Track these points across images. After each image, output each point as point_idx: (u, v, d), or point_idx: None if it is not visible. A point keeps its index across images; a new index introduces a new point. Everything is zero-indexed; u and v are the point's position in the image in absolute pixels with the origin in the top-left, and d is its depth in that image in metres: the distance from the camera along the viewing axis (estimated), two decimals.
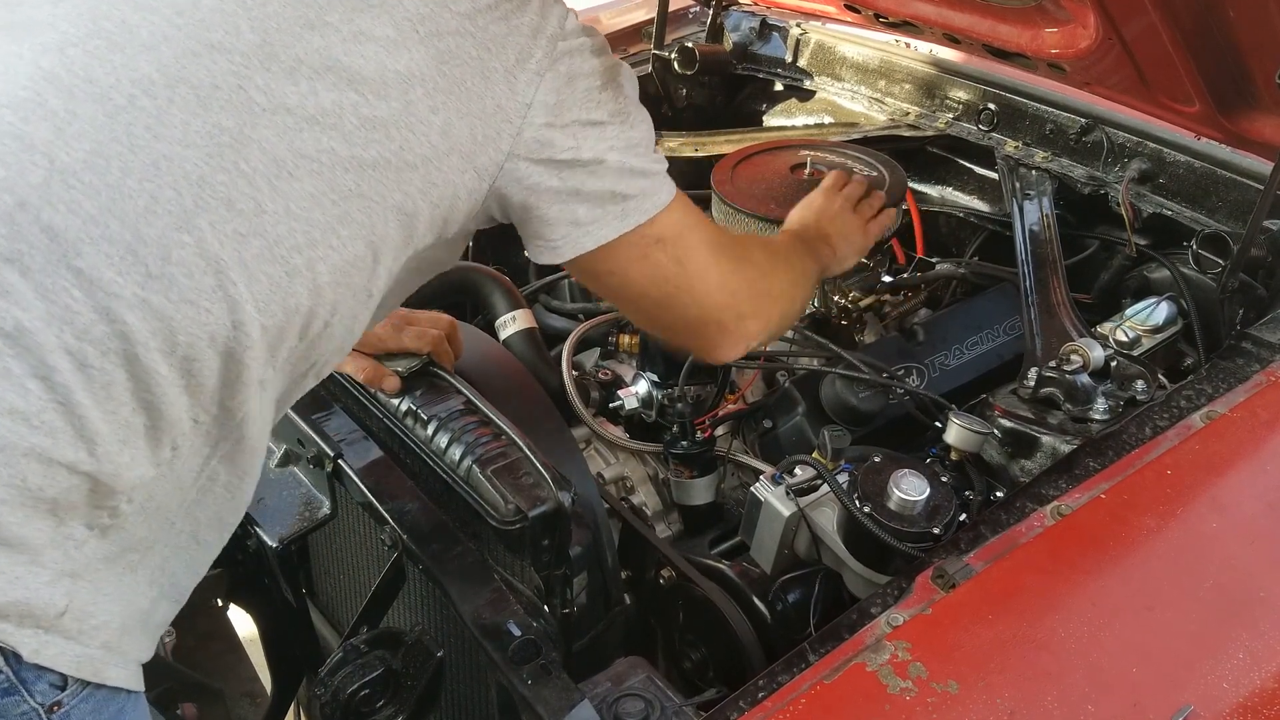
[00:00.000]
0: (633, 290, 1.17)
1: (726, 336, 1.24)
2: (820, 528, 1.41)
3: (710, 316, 1.21)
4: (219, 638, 1.95)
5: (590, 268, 1.13)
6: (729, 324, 1.23)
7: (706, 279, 1.18)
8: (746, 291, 1.25)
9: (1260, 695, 1.05)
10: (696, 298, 1.18)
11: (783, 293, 1.36)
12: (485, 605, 1.19)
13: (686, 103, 2.76)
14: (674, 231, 1.13)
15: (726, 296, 1.21)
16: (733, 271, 1.22)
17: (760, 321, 1.28)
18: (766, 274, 1.32)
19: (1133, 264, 1.98)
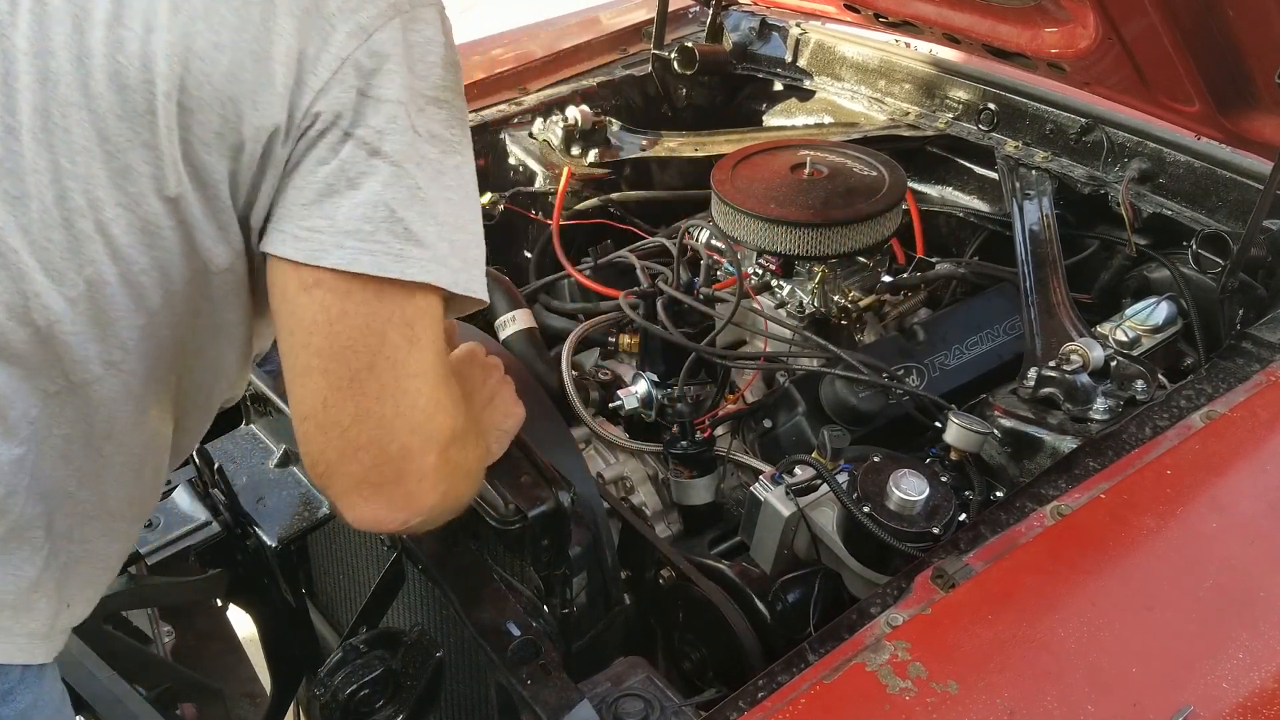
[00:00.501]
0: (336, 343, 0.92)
1: (400, 485, 0.95)
2: (820, 528, 1.41)
3: (398, 428, 0.93)
4: (219, 638, 1.95)
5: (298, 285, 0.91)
6: (413, 466, 0.94)
7: (418, 382, 0.93)
8: (449, 436, 0.97)
9: (1260, 695, 1.05)
10: (398, 391, 0.92)
11: (474, 477, 1.09)
12: (485, 605, 1.19)
13: (686, 103, 2.77)
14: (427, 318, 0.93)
15: (431, 432, 0.95)
16: (449, 409, 0.97)
17: (437, 495, 0.98)
18: (473, 442, 1.06)
19: (1133, 264, 1.97)
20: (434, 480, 0.96)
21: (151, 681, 1.49)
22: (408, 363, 0.92)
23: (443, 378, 0.97)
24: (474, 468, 1.08)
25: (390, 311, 0.91)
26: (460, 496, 1.06)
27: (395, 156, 0.90)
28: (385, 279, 0.90)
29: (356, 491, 0.95)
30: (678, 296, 1.79)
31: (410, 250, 0.90)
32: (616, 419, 1.81)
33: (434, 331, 0.95)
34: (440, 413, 0.95)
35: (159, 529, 1.44)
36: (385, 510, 0.95)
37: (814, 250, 1.77)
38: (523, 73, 2.64)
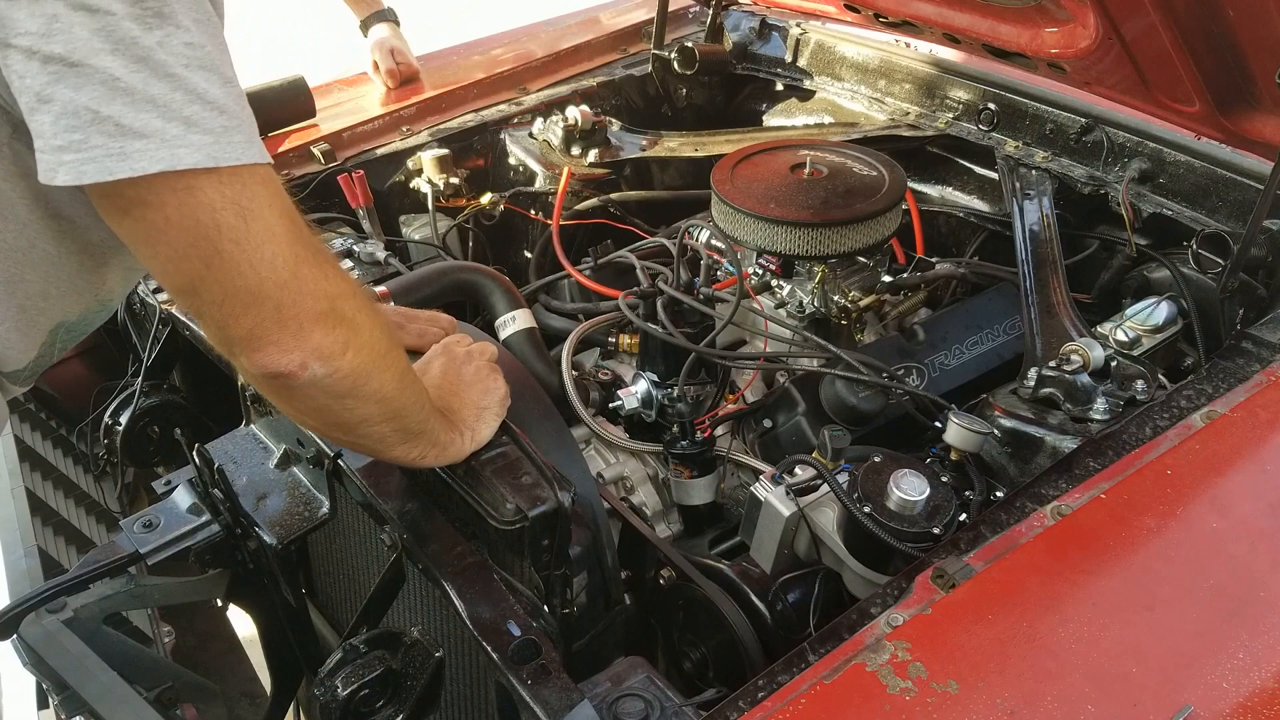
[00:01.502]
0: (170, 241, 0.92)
1: (284, 329, 0.97)
2: (820, 528, 1.41)
3: (267, 292, 0.95)
4: (219, 638, 1.95)
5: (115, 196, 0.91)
6: (290, 313, 0.97)
7: (271, 247, 0.94)
8: (325, 291, 0.99)
9: (1260, 695, 1.05)
10: (253, 262, 0.93)
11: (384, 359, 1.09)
12: (485, 605, 1.19)
13: (686, 103, 2.77)
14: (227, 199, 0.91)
15: (290, 278, 0.96)
16: (314, 263, 0.99)
17: (336, 330, 1.00)
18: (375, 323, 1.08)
19: (1133, 264, 1.98)
20: (324, 326, 0.99)
21: (151, 681, 1.49)
22: (248, 237, 0.93)
23: (296, 236, 0.97)
24: (377, 335, 1.08)
25: (197, 203, 0.90)
26: (365, 358, 1.05)
27: (73, 56, 0.84)
28: (164, 174, 0.87)
29: (251, 349, 0.98)
30: (678, 296, 1.79)
31: (132, 144, 0.86)
32: (616, 419, 1.81)
33: (260, 197, 0.94)
34: (303, 265, 0.97)
35: (159, 529, 1.44)
36: (281, 353, 0.98)
37: (814, 250, 1.77)
38: (523, 73, 2.64)
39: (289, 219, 0.97)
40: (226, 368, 1.59)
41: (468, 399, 1.30)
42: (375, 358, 1.07)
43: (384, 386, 1.10)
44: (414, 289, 1.86)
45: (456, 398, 1.29)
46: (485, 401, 1.31)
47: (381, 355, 1.09)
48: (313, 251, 1.00)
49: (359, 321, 1.05)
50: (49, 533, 1.82)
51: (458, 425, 1.27)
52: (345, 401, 1.07)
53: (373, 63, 2.62)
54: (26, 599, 1.37)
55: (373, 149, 2.36)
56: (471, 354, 1.36)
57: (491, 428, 1.30)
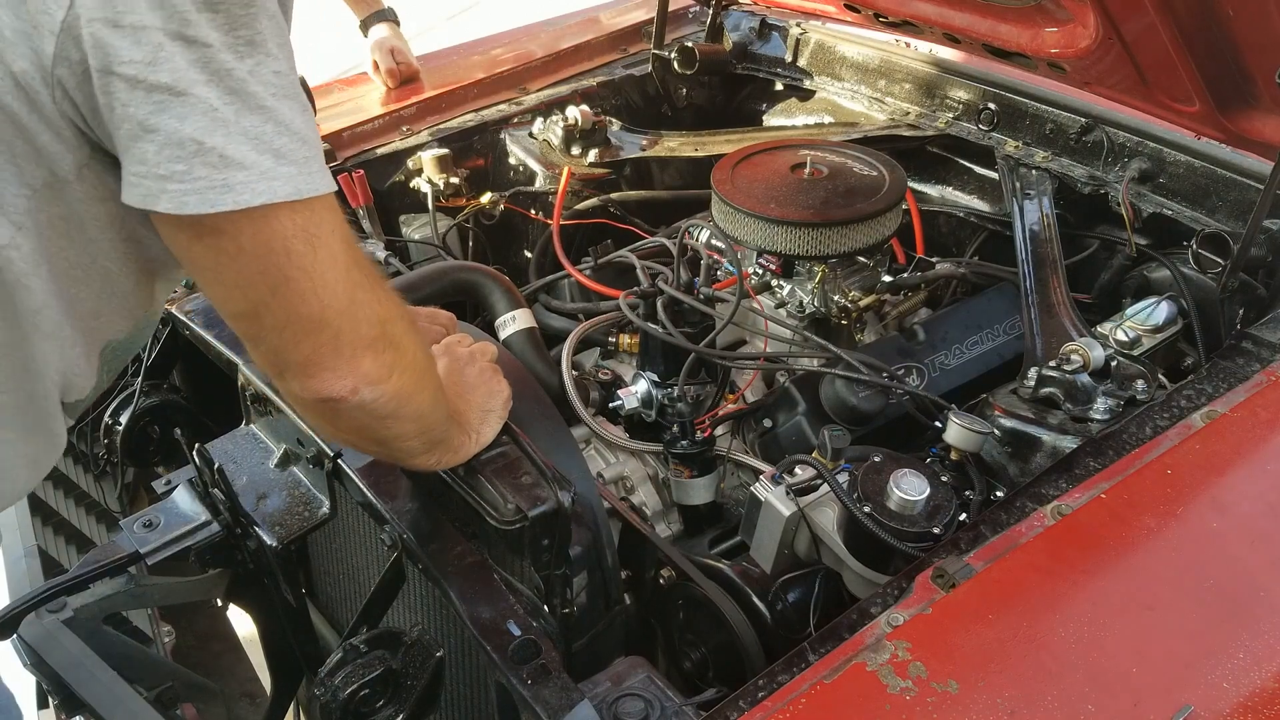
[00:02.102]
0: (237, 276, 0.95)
1: (339, 355, 0.99)
2: (820, 528, 1.41)
3: (328, 319, 0.97)
4: (219, 638, 1.95)
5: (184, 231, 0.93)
6: (347, 339, 0.99)
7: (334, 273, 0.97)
8: (378, 316, 1.02)
9: (1260, 695, 1.05)
10: (317, 289, 0.96)
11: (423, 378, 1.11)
12: (485, 605, 1.19)
13: (686, 103, 2.77)
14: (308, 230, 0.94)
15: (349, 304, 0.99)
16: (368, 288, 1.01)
17: (385, 355, 1.03)
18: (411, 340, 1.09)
19: (1133, 264, 1.98)
20: (375, 351, 1.01)
21: (151, 681, 1.49)
22: (315, 265, 0.95)
23: (354, 262, 1.00)
24: (421, 356, 1.10)
25: (272, 232, 0.92)
26: (408, 381, 1.07)
27: (178, 85, 0.86)
28: (240, 211, 0.89)
29: (305, 375, 1.00)
30: (678, 296, 1.79)
31: (235, 176, 0.88)
32: (616, 419, 1.81)
33: (326, 224, 0.96)
34: (359, 290, 0.99)
35: (159, 529, 1.44)
36: (335, 379, 1.00)
37: (814, 250, 1.77)
38: (523, 73, 2.64)
39: (348, 245, 0.99)
40: (226, 367, 1.59)
41: (473, 401, 1.30)
42: (417, 378, 1.09)
43: (422, 405, 1.12)
44: (414, 289, 1.86)
45: (462, 400, 1.29)
46: (490, 404, 1.32)
47: (422, 374, 1.11)
48: (367, 276, 1.02)
49: (405, 344, 1.06)
50: (49, 533, 1.82)
51: (464, 427, 1.27)
52: (387, 422, 1.08)
53: (373, 63, 2.61)
54: (26, 599, 1.37)
55: (373, 149, 2.36)
56: (474, 355, 1.37)
57: (494, 429, 1.31)
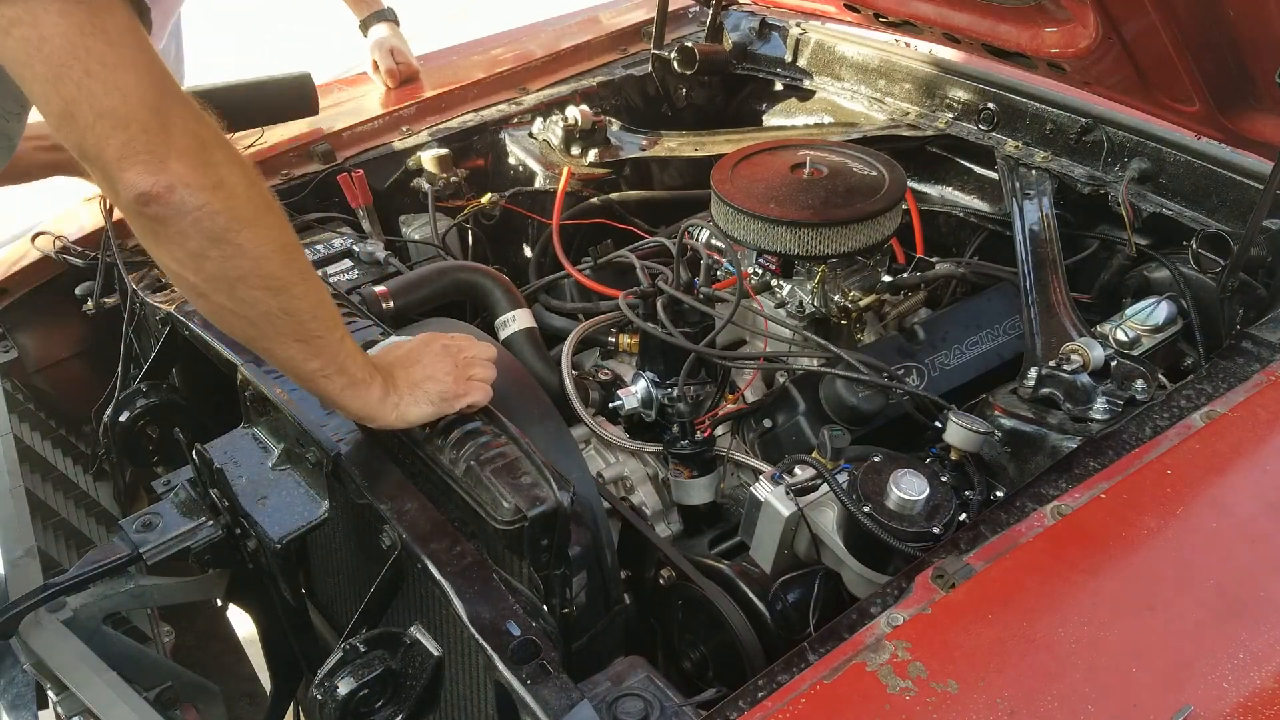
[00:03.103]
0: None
1: (151, 151, 1.05)
2: (820, 528, 1.41)
3: (133, 113, 1.04)
4: (219, 638, 1.96)
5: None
6: (157, 137, 1.05)
7: (136, 75, 1.04)
8: (194, 130, 1.08)
9: (1260, 695, 1.05)
10: (120, 84, 1.03)
11: (257, 215, 1.15)
12: (484, 605, 1.18)
13: (686, 103, 2.77)
14: None
15: (157, 104, 1.05)
16: (184, 108, 1.08)
17: (202, 173, 1.08)
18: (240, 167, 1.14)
19: (1133, 264, 1.98)
20: (188, 158, 1.07)
21: (151, 681, 1.49)
22: (117, 60, 1.04)
23: (163, 78, 1.07)
24: (257, 196, 1.15)
25: (81, 22, 1.02)
26: (240, 205, 1.12)
27: None
28: None
29: (119, 168, 1.06)
30: (678, 296, 1.79)
31: None
32: (616, 419, 1.81)
33: (130, 32, 1.05)
34: (171, 101, 1.07)
35: (159, 529, 1.44)
36: (145, 171, 1.06)
37: (814, 250, 1.77)
38: (523, 73, 2.64)
39: (152, 57, 1.07)
40: (226, 367, 1.59)
41: (411, 372, 1.35)
42: (246, 210, 1.13)
43: (258, 245, 1.15)
44: (414, 289, 1.86)
45: (403, 369, 1.35)
46: (427, 386, 1.35)
47: (255, 211, 1.15)
48: (184, 102, 1.09)
49: (226, 173, 1.11)
50: (49, 533, 1.82)
51: (388, 386, 1.31)
52: (219, 247, 1.12)
53: (372, 63, 2.62)
54: (26, 599, 1.37)
55: (373, 149, 2.36)
56: (458, 349, 1.40)
57: (423, 412, 1.34)
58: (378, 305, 1.80)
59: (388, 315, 1.79)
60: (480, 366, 1.40)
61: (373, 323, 1.63)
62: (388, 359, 1.37)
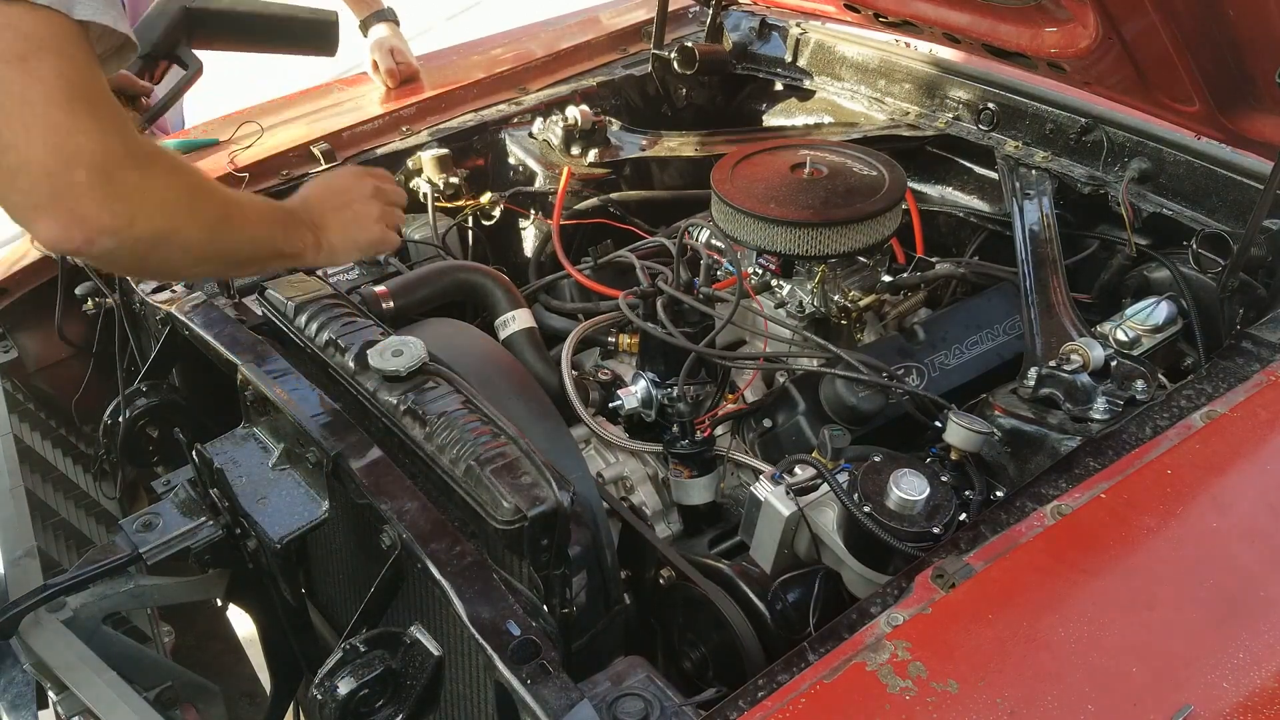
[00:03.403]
0: None
1: (57, 204, 1.01)
2: (820, 528, 1.41)
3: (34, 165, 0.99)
4: (219, 638, 1.95)
5: None
6: (65, 188, 1.00)
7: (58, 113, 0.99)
8: (105, 163, 1.03)
9: (1260, 695, 1.05)
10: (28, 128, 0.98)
11: (186, 214, 1.14)
12: (484, 605, 1.18)
13: (686, 103, 2.77)
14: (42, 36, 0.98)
15: (72, 150, 1.00)
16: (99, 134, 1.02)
17: (112, 215, 1.04)
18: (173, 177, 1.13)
19: (1133, 264, 1.98)
20: (98, 198, 1.03)
21: (151, 681, 1.49)
22: (28, 94, 0.98)
23: (82, 104, 1.01)
24: (172, 196, 1.12)
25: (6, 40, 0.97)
26: (159, 223, 1.10)
27: None
28: None
29: (32, 214, 1.03)
30: (678, 296, 1.79)
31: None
32: (616, 419, 1.81)
33: (58, 64, 1.00)
34: (80, 134, 1.01)
35: (158, 529, 1.44)
36: (60, 229, 1.03)
37: (814, 250, 1.77)
38: (523, 73, 2.64)
39: (78, 91, 1.01)
40: (226, 367, 1.60)
41: (343, 217, 1.43)
42: (173, 218, 1.12)
43: (191, 239, 1.15)
44: (414, 288, 1.86)
45: (334, 212, 1.42)
46: (357, 236, 1.44)
47: (183, 213, 1.13)
48: (100, 125, 1.03)
49: (146, 188, 1.07)
50: (49, 533, 1.82)
51: (319, 240, 1.39)
52: (152, 257, 1.13)
53: (372, 62, 2.62)
54: (26, 599, 1.37)
55: (373, 149, 2.36)
56: (385, 194, 1.49)
57: (348, 259, 1.47)
58: (378, 305, 1.80)
59: (388, 315, 1.79)
60: (399, 212, 1.52)
61: (373, 323, 1.63)
62: (318, 196, 1.42)
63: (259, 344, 1.62)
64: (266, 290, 1.68)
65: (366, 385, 1.46)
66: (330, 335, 1.54)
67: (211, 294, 1.80)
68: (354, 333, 1.53)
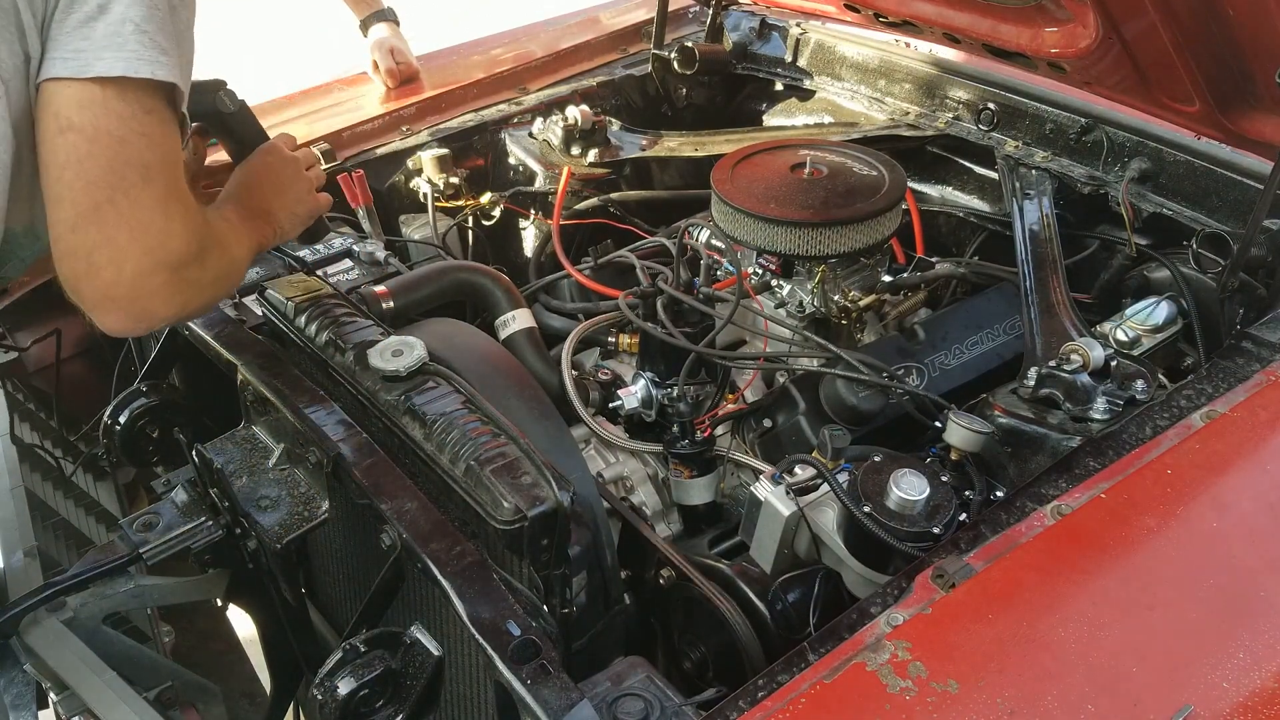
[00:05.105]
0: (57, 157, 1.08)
1: (134, 303, 1.13)
2: (820, 528, 1.41)
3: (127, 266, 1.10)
4: (219, 638, 1.95)
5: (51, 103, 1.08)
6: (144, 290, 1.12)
7: (159, 218, 1.11)
8: (181, 263, 1.14)
9: (1260, 695, 1.05)
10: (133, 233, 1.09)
11: (217, 285, 1.27)
12: (484, 605, 1.18)
13: (686, 103, 2.77)
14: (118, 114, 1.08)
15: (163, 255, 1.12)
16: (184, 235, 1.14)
17: (173, 307, 1.17)
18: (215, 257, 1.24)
19: (1133, 264, 1.98)
20: (167, 295, 1.14)
21: (151, 681, 1.49)
22: (142, 196, 1.09)
23: (177, 206, 1.13)
24: (214, 279, 1.25)
25: (130, 148, 1.08)
26: (203, 304, 1.27)
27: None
28: (133, 87, 1.07)
29: (101, 306, 1.13)
30: (678, 296, 1.79)
31: (159, 57, 1.08)
32: (616, 419, 1.81)
33: (171, 159, 1.13)
34: (172, 239, 1.12)
35: (159, 529, 1.44)
36: (128, 321, 1.15)
37: (814, 250, 1.77)
38: (523, 73, 2.64)
39: (176, 192, 1.15)
40: (226, 367, 1.60)
41: (285, 201, 1.50)
42: (213, 291, 1.27)
43: (216, 297, 1.31)
44: (414, 289, 1.86)
45: (277, 197, 1.49)
46: (298, 209, 1.52)
47: (216, 284, 1.27)
48: (185, 224, 1.15)
49: (202, 279, 1.19)
50: (49, 533, 1.82)
51: (273, 228, 1.46)
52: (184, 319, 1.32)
53: (372, 62, 2.62)
54: (26, 599, 1.37)
55: (373, 149, 2.36)
56: (307, 161, 1.56)
57: (296, 230, 1.53)
58: (377, 305, 1.80)
59: (388, 315, 1.79)
60: (320, 171, 1.59)
61: (373, 323, 1.63)
62: (257, 185, 1.48)
63: (259, 344, 1.62)
64: (266, 290, 1.68)
65: (366, 385, 1.46)
66: (330, 335, 1.54)
67: None
68: (354, 333, 1.53)
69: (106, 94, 1.07)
